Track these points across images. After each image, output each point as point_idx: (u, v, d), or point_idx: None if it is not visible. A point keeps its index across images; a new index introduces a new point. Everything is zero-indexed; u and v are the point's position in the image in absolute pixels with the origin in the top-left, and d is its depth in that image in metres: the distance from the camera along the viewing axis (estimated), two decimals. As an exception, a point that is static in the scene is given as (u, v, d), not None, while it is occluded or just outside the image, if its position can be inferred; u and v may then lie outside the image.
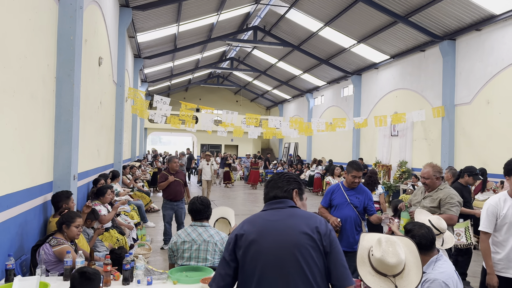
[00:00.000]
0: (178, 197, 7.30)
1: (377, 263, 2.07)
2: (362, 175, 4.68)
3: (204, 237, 3.46)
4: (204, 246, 3.43)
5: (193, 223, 3.58)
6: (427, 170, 4.20)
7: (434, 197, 4.13)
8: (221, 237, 3.53)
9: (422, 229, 2.79)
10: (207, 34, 17.35)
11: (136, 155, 18.36)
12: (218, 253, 3.49)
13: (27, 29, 3.76)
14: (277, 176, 2.14)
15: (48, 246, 3.47)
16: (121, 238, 5.80)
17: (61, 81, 4.73)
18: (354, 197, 4.44)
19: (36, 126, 4.08)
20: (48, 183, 4.56)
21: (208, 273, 3.24)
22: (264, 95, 29.55)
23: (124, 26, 11.03)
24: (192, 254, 3.43)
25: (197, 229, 3.52)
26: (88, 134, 6.95)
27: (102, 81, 8.38)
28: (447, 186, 4.23)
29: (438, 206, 4.09)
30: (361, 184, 4.58)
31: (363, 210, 4.47)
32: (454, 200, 4.05)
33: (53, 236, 3.58)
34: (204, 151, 27.41)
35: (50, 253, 3.43)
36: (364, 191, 4.54)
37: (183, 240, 3.47)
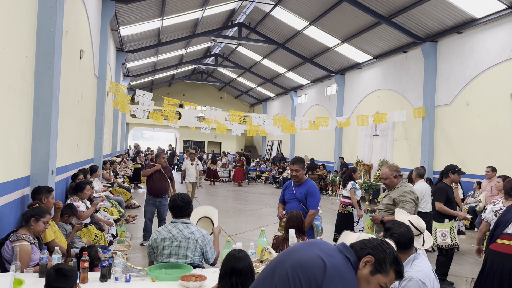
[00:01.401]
0: (161, 192, 7.21)
1: None
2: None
3: (185, 233, 3.43)
4: (184, 243, 3.40)
5: (174, 220, 3.55)
6: (385, 171, 4.42)
7: (391, 195, 4.34)
8: (202, 234, 3.49)
9: (401, 227, 2.82)
10: (191, 30, 17.21)
11: (117, 150, 18.10)
12: (199, 250, 3.45)
13: (5, 19, 3.64)
14: None
15: (8, 243, 3.38)
16: (100, 234, 5.70)
17: (40, 73, 4.61)
18: (298, 192, 4.66)
19: (12, 119, 3.97)
20: (25, 177, 4.45)
21: (188, 270, 3.22)
22: (248, 92, 29.52)
23: (107, 19, 10.83)
24: (172, 251, 3.40)
25: (178, 226, 3.49)
26: (68, 128, 6.81)
27: (83, 74, 8.22)
28: (403, 184, 4.38)
29: (393, 203, 4.27)
30: (308, 179, 4.76)
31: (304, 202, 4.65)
32: (407, 197, 4.20)
33: (15, 232, 3.49)
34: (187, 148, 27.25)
35: (9, 249, 3.35)
36: (306, 185, 4.68)
37: (164, 237, 3.43)
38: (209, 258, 3.50)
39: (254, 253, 3.48)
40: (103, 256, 3.06)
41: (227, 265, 2.45)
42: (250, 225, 9.22)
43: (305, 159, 18.59)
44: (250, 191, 16.38)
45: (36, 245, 3.59)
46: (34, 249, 3.49)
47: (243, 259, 2.45)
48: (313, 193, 4.62)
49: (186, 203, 3.58)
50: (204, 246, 3.45)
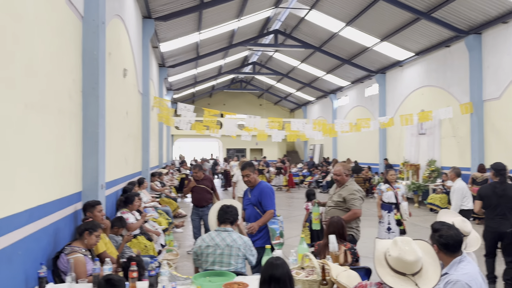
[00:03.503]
0: (202, 203, 7.38)
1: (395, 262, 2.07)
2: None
3: (227, 241, 3.55)
4: (227, 250, 3.52)
5: (217, 228, 3.70)
6: (338, 168, 4.66)
7: (340, 192, 4.57)
8: (244, 241, 3.61)
9: (451, 230, 2.75)
10: (228, 40, 17.55)
11: (163, 161, 18.72)
12: (241, 257, 3.56)
13: (53, 47, 3.94)
14: None
15: (63, 255, 3.62)
16: (149, 244, 5.95)
17: (86, 94, 4.93)
18: (252, 196, 4.65)
19: (64, 139, 4.26)
20: (77, 193, 4.75)
21: (231, 278, 3.29)
22: (287, 98, 29.54)
23: (148, 37, 11.32)
24: (216, 259, 3.52)
25: (220, 234, 3.62)
26: (115, 144, 7.17)
27: (127, 92, 8.64)
28: (352, 182, 4.65)
29: (343, 201, 4.51)
30: (260, 182, 4.70)
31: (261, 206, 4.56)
32: (356, 195, 4.46)
33: (69, 245, 3.73)
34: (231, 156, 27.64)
35: (65, 261, 3.58)
36: (259, 188, 4.62)
37: (207, 245, 3.57)
38: (252, 261, 3.65)
39: (295, 260, 3.50)
40: (150, 265, 3.21)
41: (265, 272, 2.50)
42: (294, 231, 9.18)
43: (348, 162, 18.30)
44: (293, 196, 16.34)
45: (89, 256, 3.82)
46: (87, 260, 3.72)
47: (281, 267, 2.48)
48: (265, 194, 4.55)
49: (229, 211, 3.73)
50: (246, 252, 3.58)
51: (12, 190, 2.99)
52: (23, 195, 3.19)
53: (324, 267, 2.92)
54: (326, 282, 2.87)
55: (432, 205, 11.80)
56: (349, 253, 3.65)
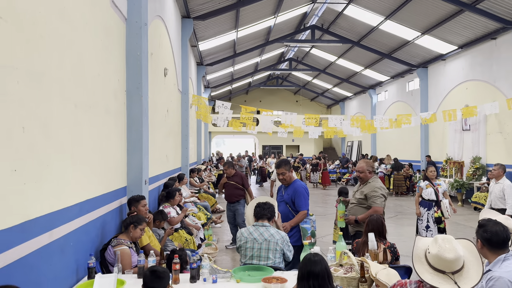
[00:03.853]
0: (232, 199, 7.58)
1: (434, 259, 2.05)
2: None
3: (265, 236, 3.65)
4: (265, 245, 3.62)
5: (255, 223, 3.81)
6: (361, 165, 4.59)
7: (363, 189, 4.51)
8: (281, 236, 3.69)
9: (497, 226, 2.66)
10: (265, 37, 17.59)
11: (201, 158, 19.10)
12: (279, 252, 3.64)
13: (99, 49, 4.15)
14: None
15: (110, 247, 3.81)
16: (189, 238, 6.13)
17: (130, 94, 5.14)
18: (286, 194, 4.60)
19: (110, 136, 4.48)
20: (122, 188, 4.98)
21: (269, 273, 3.36)
22: (324, 94, 29.21)
23: (186, 36, 11.58)
24: (254, 253, 3.62)
25: (258, 228, 3.73)
26: (157, 141, 7.42)
27: (168, 90, 8.90)
28: (374, 180, 4.54)
29: (365, 198, 4.44)
30: (295, 180, 4.66)
31: (294, 205, 4.52)
32: (377, 193, 4.38)
33: (115, 237, 3.92)
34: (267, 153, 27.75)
35: (111, 253, 3.77)
36: (294, 187, 4.57)
37: (246, 239, 3.69)
38: (289, 257, 3.73)
39: (333, 257, 3.51)
40: (192, 258, 3.33)
41: (303, 268, 2.53)
42: (329, 229, 9.12)
43: (387, 159, 17.88)
44: (330, 193, 16.18)
45: (134, 249, 4.01)
46: (132, 252, 3.90)
47: (319, 263, 2.51)
48: (299, 193, 4.51)
49: (266, 208, 3.83)
50: (284, 247, 3.65)
51: (65, 185, 3.20)
52: (74, 189, 3.40)
53: (363, 264, 2.92)
54: (365, 280, 2.87)
55: (477, 204, 11.33)
56: (389, 252, 3.62)
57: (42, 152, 2.78)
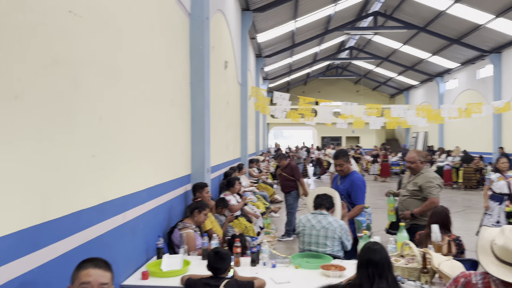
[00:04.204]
0: (284, 190, 7.70)
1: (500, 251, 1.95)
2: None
3: (323, 223, 3.69)
4: (323, 232, 3.66)
5: (313, 212, 3.86)
6: (412, 155, 4.43)
7: (416, 181, 4.37)
8: (340, 224, 3.71)
9: None
10: (324, 26, 17.29)
11: (259, 149, 19.35)
12: (337, 240, 3.65)
13: (165, 43, 4.39)
14: None
15: (177, 230, 4.05)
16: (249, 226, 6.31)
17: (194, 86, 5.37)
18: (342, 185, 4.47)
19: (176, 127, 4.74)
20: (187, 175, 5.24)
21: (328, 260, 3.39)
22: (387, 83, 28.12)
23: (246, 29, 11.74)
24: (311, 239, 3.68)
25: (316, 216, 3.79)
26: (218, 132, 7.67)
27: (228, 83, 9.13)
28: (427, 170, 4.41)
29: (419, 189, 4.30)
30: (353, 172, 4.52)
31: (349, 198, 4.38)
32: (433, 183, 4.24)
33: (181, 221, 4.15)
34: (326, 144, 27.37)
35: (177, 235, 4.00)
36: (351, 179, 4.42)
37: (304, 226, 3.76)
38: (347, 246, 3.74)
39: (394, 248, 3.46)
40: (252, 243, 3.46)
41: (362, 257, 2.53)
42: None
43: (456, 150, 16.87)
44: (390, 186, 15.65)
45: (198, 232, 4.23)
46: (196, 236, 4.12)
47: (379, 252, 2.49)
48: (356, 186, 4.37)
49: (325, 198, 3.87)
50: (342, 236, 3.66)
51: (136, 171, 3.46)
52: (144, 175, 3.66)
53: (425, 255, 2.85)
54: (427, 271, 2.80)
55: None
56: (454, 244, 3.48)
57: (117, 140, 3.04)
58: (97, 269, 1.81)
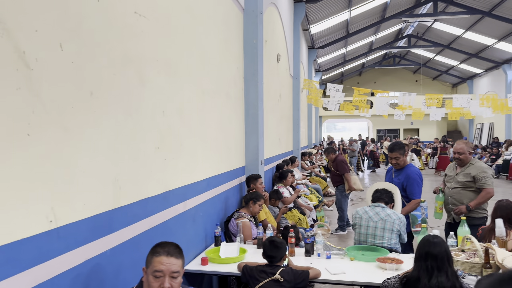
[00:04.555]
0: (333, 184, 7.68)
1: None
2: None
3: (381, 215, 3.64)
4: (381, 224, 3.61)
5: (371, 204, 3.83)
6: (461, 146, 4.29)
7: (467, 172, 4.22)
8: (399, 217, 3.64)
9: None
10: (380, 15, 16.71)
11: (312, 142, 19.20)
12: (395, 233, 3.58)
13: (221, 39, 4.52)
14: None
15: (233, 220, 4.18)
16: (302, 218, 6.35)
17: (248, 80, 5.48)
18: (396, 179, 4.33)
19: (231, 120, 4.88)
20: (241, 167, 5.39)
21: (384, 254, 3.36)
22: (448, 71, 26.62)
23: (299, 21, 11.68)
24: (368, 231, 3.65)
25: (374, 208, 3.75)
26: (271, 125, 7.76)
27: (280, 76, 9.17)
28: (477, 160, 4.30)
29: (472, 180, 4.16)
30: (409, 165, 4.36)
31: (404, 192, 4.23)
32: (487, 173, 4.14)
33: (237, 211, 4.28)
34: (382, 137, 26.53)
35: (234, 225, 4.13)
36: (406, 173, 4.25)
37: (361, 217, 3.73)
38: (404, 239, 3.68)
39: (454, 242, 3.35)
40: (306, 234, 3.51)
41: (421, 249, 2.49)
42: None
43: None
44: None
45: (253, 222, 4.35)
46: (251, 225, 4.25)
47: (439, 245, 2.44)
48: (412, 180, 4.21)
49: (384, 192, 3.84)
50: (400, 228, 3.60)
51: (195, 162, 3.63)
52: (202, 166, 3.83)
53: (487, 250, 2.74)
54: (490, 266, 2.69)
55: None
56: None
57: (178, 133, 3.21)
58: (169, 257, 1.91)
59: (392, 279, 2.65)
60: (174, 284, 1.90)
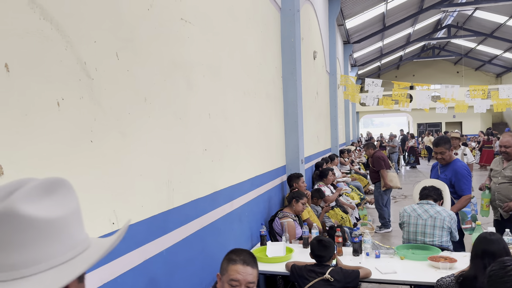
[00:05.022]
0: (372, 181, 7.54)
1: None
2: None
3: (430, 213, 3.53)
4: (431, 221, 3.50)
5: (419, 202, 3.72)
6: (507, 139, 4.12)
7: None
8: (449, 214, 3.52)
9: None
10: (418, 5, 16.17)
11: (350, 139, 18.90)
12: (446, 231, 3.47)
13: (260, 40, 4.54)
14: None
15: (277, 219, 4.18)
16: (344, 216, 6.27)
17: (286, 79, 5.48)
18: (443, 175, 4.16)
19: (271, 119, 4.89)
20: (282, 167, 5.39)
21: (435, 252, 3.26)
22: (492, 61, 25.37)
23: (334, 16, 11.53)
24: (417, 229, 3.54)
25: (423, 206, 3.64)
26: (309, 123, 7.71)
27: (317, 73, 9.09)
28: None
29: None
30: (456, 160, 4.20)
31: (452, 188, 4.04)
32: None
33: (281, 210, 4.28)
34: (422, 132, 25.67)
35: (278, 224, 4.14)
36: (454, 168, 4.07)
37: (409, 215, 3.63)
38: (455, 236, 3.56)
39: (510, 240, 3.20)
40: (354, 233, 3.47)
41: (478, 247, 2.40)
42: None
43: None
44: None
45: (297, 221, 4.34)
46: (295, 225, 4.24)
47: (496, 242, 2.35)
48: (461, 175, 4.02)
49: (432, 190, 3.73)
50: (452, 225, 3.49)
51: (239, 163, 3.68)
52: (246, 167, 3.87)
53: (551, 249, 2.59)
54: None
55: None
56: None
57: (223, 134, 3.26)
58: (245, 266, 1.90)
59: (447, 278, 2.57)
60: None
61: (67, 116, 1.60)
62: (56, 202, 0.73)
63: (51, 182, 0.74)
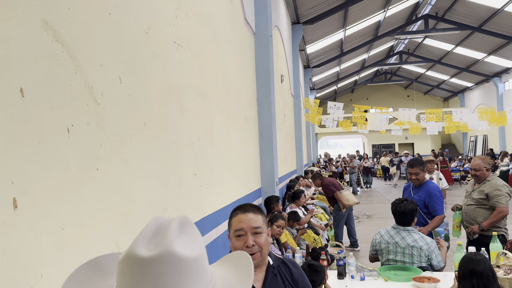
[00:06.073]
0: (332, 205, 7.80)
1: None
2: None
3: (407, 241, 3.44)
4: (408, 250, 3.43)
5: (395, 226, 3.58)
6: (477, 162, 4.23)
7: (482, 189, 4.18)
8: (426, 242, 3.42)
9: None
10: (373, 33, 17.08)
11: (311, 160, 19.26)
12: (424, 258, 3.42)
13: (238, 63, 4.58)
14: None
15: None
16: (317, 238, 6.30)
17: (261, 102, 5.53)
18: (417, 196, 4.29)
19: (248, 142, 4.89)
20: (258, 189, 5.38)
21: (418, 273, 3.33)
22: (440, 86, 27.11)
23: (297, 42, 11.88)
24: (396, 257, 3.49)
25: (400, 232, 3.51)
26: (279, 145, 7.78)
27: (284, 96, 9.25)
28: (494, 178, 4.20)
29: (486, 198, 4.11)
30: (427, 181, 4.33)
31: (425, 208, 4.21)
32: (502, 191, 4.04)
33: None
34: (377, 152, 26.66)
35: None
36: (427, 189, 4.23)
37: (387, 242, 3.53)
38: (434, 266, 3.43)
39: (487, 259, 3.34)
40: (339, 255, 3.48)
41: (464, 268, 2.47)
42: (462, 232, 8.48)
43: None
44: (453, 194, 14.97)
45: (275, 245, 4.31)
46: (273, 248, 4.20)
47: (482, 262, 2.44)
48: (434, 196, 4.18)
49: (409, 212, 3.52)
50: (430, 254, 3.41)
51: (223, 187, 3.63)
52: (228, 190, 3.81)
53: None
54: (535, 282, 2.69)
55: None
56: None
57: (209, 158, 3.21)
58: (246, 213, 1.75)
59: (437, 299, 2.63)
60: (259, 240, 1.69)
61: (76, 143, 1.51)
62: (191, 240, 0.80)
63: (182, 220, 0.81)
